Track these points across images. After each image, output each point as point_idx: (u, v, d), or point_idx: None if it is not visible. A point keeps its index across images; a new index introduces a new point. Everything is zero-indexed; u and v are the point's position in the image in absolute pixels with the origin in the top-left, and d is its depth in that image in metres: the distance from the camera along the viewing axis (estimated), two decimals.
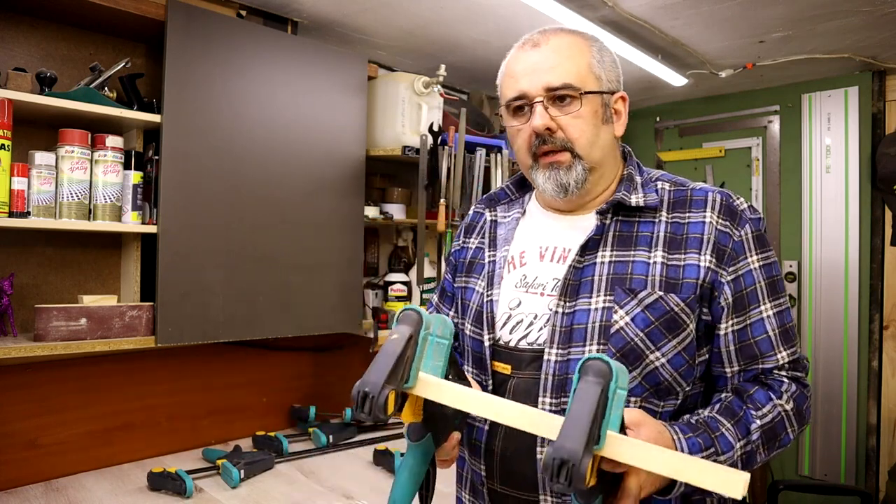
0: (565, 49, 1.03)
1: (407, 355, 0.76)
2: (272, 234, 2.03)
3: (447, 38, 2.38)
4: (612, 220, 1.05)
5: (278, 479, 1.86)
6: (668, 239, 1.02)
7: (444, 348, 0.84)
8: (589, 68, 1.04)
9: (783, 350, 1.01)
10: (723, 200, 1.03)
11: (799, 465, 2.92)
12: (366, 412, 0.71)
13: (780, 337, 1.01)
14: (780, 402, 0.98)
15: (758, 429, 0.95)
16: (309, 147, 2.11)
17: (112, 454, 1.94)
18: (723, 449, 0.92)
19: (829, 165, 2.86)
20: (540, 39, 1.05)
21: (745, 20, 2.19)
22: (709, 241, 1.00)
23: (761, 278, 1.01)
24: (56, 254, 1.86)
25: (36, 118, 1.75)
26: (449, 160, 2.36)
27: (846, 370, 2.79)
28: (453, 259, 1.25)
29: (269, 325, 2.02)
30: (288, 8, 2.12)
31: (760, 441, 0.95)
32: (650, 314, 0.97)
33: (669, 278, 0.99)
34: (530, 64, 1.03)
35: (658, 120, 3.41)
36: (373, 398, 0.71)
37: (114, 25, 1.87)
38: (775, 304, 1.01)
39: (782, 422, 0.98)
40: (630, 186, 1.07)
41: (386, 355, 0.75)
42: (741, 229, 1.01)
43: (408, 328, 0.78)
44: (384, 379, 0.72)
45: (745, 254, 1.01)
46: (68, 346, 1.66)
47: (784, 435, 0.98)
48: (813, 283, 2.89)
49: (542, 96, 1.01)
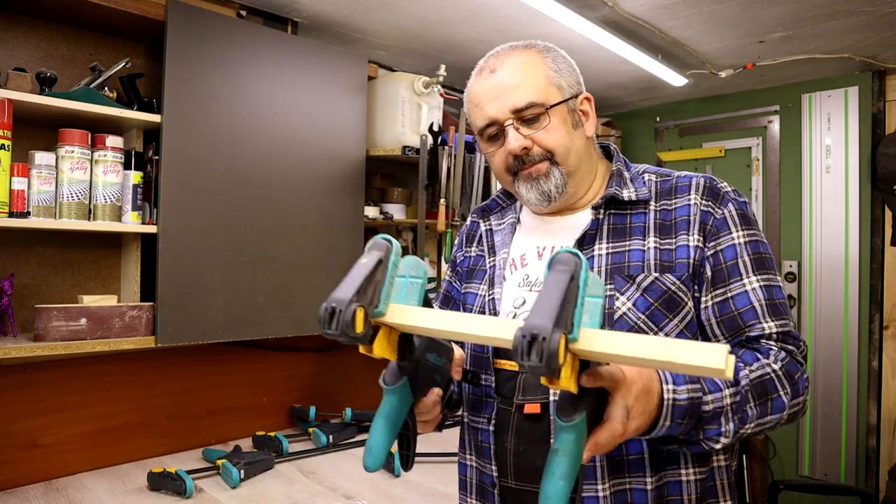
0: (520, 68, 1.05)
1: (377, 278, 0.73)
2: (272, 234, 2.03)
3: (447, 38, 2.38)
4: (605, 215, 1.07)
5: (278, 479, 1.86)
6: (659, 226, 1.04)
7: (419, 287, 0.80)
8: (548, 80, 1.05)
9: (770, 321, 0.98)
10: (706, 183, 1.05)
11: (799, 465, 2.92)
12: (333, 328, 0.69)
13: (768, 309, 0.99)
14: (768, 362, 0.95)
15: (745, 378, 0.91)
16: (309, 147, 2.11)
17: (112, 454, 1.94)
18: (709, 388, 0.88)
19: (829, 165, 2.86)
20: (495, 64, 1.06)
21: (745, 20, 2.19)
22: (694, 221, 1.02)
23: (745, 253, 1.01)
24: (56, 254, 1.86)
25: (36, 118, 1.75)
26: (449, 160, 2.36)
27: (846, 370, 2.79)
28: (459, 268, 1.26)
29: (269, 325, 2.02)
30: (288, 8, 2.12)
31: (751, 393, 0.91)
32: (648, 296, 0.99)
33: (664, 261, 1.01)
34: (491, 89, 1.05)
35: (658, 120, 3.41)
36: (340, 312, 0.68)
37: (114, 25, 1.87)
38: (762, 279, 1.00)
39: (772, 380, 0.94)
40: (621, 182, 1.09)
41: (354, 274, 0.72)
42: (723, 207, 1.03)
43: (378, 252, 0.76)
44: (351, 295, 0.69)
45: (728, 230, 1.01)
46: (68, 346, 1.66)
47: (776, 396, 0.94)
48: (813, 283, 2.89)
49: (510, 119, 1.03)
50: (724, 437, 0.89)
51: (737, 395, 0.90)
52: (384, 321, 0.75)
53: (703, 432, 0.88)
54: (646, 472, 0.97)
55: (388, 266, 0.75)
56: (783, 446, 2.96)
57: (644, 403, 0.80)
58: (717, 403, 0.88)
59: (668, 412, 0.83)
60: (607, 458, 0.97)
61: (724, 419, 0.88)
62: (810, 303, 2.90)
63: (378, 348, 0.76)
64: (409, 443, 0.90)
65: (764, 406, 0.93)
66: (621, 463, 0.98)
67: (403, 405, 0.83)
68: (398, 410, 0.82)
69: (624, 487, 0.97)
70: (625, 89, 3.06)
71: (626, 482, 0.98)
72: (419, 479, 1.88)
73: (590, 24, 2.10)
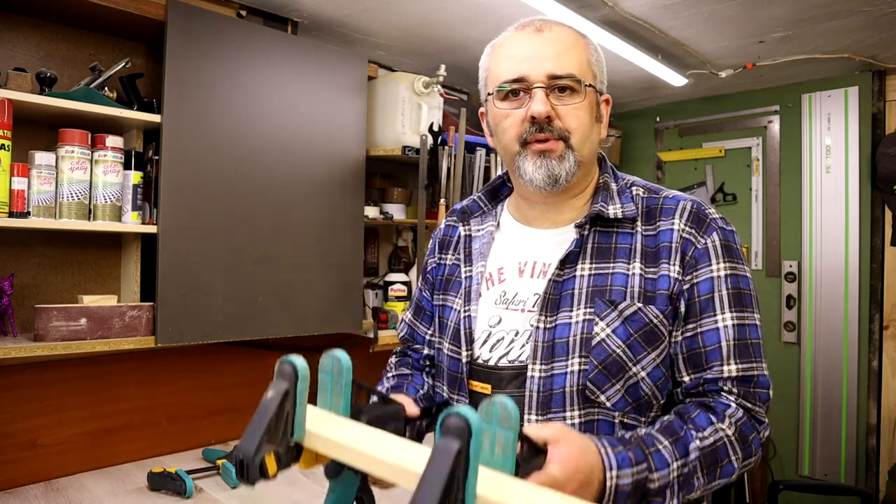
0: (569, 40, 1.02)
1: (286, 409, 0.71)
2: (272, 234, 2.02)
3: (447, 38, 2.38)
4: (590, 231, 1.02)
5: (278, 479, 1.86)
6: (643, 252, 0.99)
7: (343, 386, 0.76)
8: (588, 64, 1.03)
9: (732, 363, 0.94)
10: (692, 208, 1.01)
11: (799, 466, 2.92)
12: (244, 479, 0.69)
13: (735, 350, 0.94)
14: (722, 427, 0.91)
15: (696, 450, 0.88)
16: (309, 147, 2.11)
17: (112, 454, 1.94)
18: (657, 466, 0.85)
19: (829, 165, 2.86)
20: (542, 26, 1.02)
21: (745, 20, 2.19)
22: (676, 249, 0.98)
23: (723, 287, 0.96)
24: (56, 254, 1.86)
25: (36, 118, 1.75)
26: (449, 160, 2.36)
27: (846, 370, 2.79)
28: (430, 276, 1.21)
29: (269, 325, 2.02)
30: (288, 8, 2.12)
31: (699, 464, 0.88)
32: (630, 326, 0.95)
33: (647, 291, 0.97)
34: (532, 48, 1.00)
35: (658, 120, 3.41)
36: (247, 465, 0.68)
37: (114, 25, 1.87)
38: (737, 316, 0.96)
39: (724, 447, 0.91)
40: (607, 196, 1.04)
41: (259, 415, 0.70)
42: (707, 237, 0.98)
43: (283, 383, 0.73)
44: (257, 443, 0.68)
45: (708, 261, 0.97)
46: (68, 346, 1.66)
47: (727, 462, 0.91)
48: (813, 283, 2.89)
49: (542, 83, 0.98)
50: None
51: (685, 468, 0.87)
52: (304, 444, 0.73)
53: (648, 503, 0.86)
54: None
55: (297, 393, 0.72)
56: (783, 446, 2.96)
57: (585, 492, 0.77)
58: (662, 481, 0.85)
59: (610, 495, 0.81)
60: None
61: (671, 492, 0.86)
62: (810, 303, 2.90)
63: (305, 464, 0.74)
64: None
65: (713, 474, 0.90)
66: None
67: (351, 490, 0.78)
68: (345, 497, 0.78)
69: None
70: (625, 89, 3.06)
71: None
72: None
73: (590, 23, 2.10)
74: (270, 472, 0.69)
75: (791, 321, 2.94)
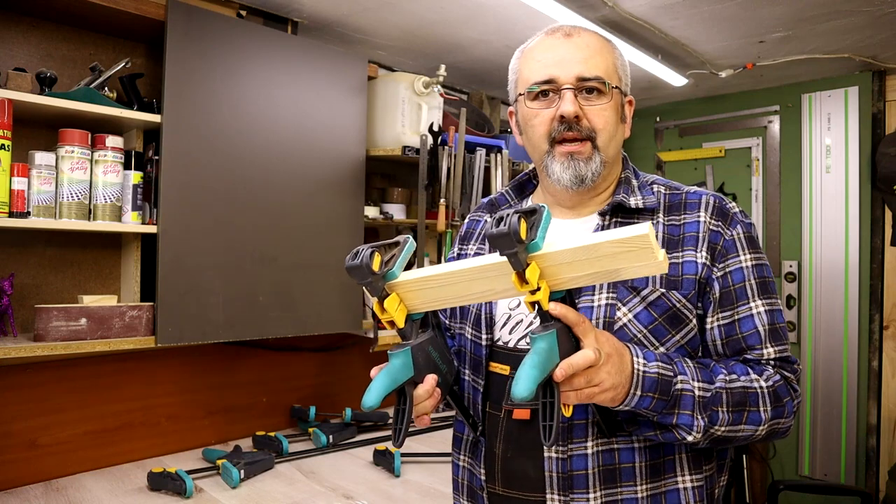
0: (596, 45, 1.07)
1: (394, 251, 0.89)
2: (272, 234, 2.02)
3: (447, 38, 2.38)
4: (611, 221, 1.07)
5: (278, 479, 1.86)
6: (666, 240, 1.04)
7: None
8: (614, 67, 1.08)
9: (770, 346, 1.01)
10: (716, 203, 1.06)
11: (799, 465, 2.92)
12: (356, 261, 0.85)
13: (770, 334, 1.01)
14: (758, 378, 0.97)
15: (722, 382, 0.94)
16: (309, 147, 2.11)
17: (112, 454, 1.94)
18: (679, 370, 0.92)
19: (829, 165, 2.86)
20: (571, 31, 1.07)
21: (745, 20, 2.19)
22: (704, 238, 1.02)
23: (752, 276, 1.02)
24: (56, 254, 1.86)
25: (36, 118, 1.75)
26: (449, 160, 2.36)
27: (846, 370, 2.79)
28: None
29: (269, 325, 2.02)
30: (288, 8, 2.12)
31: (724, 398, 0.93)
32: (653, 311, 0.99)
33: (670, 276, 1.01)
34: (562, 52, 1.05)
35: (658, 120, 3.41)
36: (362, 251, 0.86)
37: (114, 25, 1.87)
38: (767, 303, 1.02)
39: (755, 396, 0.96)
40: (628, 189, 1.09)
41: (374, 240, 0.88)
42: (732, 229, 1.03)
43: (400, 238, 0.91)
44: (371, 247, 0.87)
45: (737, 252, 1.02)
46: (68, 346, 1.66)
47: (754, 410, 0.96)
48: (813, 283, 2.89)
49: (572, 84, 1.03)
50: (696, 430, 0.91)
51: (707, 392, 0.93)
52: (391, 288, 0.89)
53: (677, 417, 0.91)
54: (636, 481, 0.98)
55: (404, 249, 0.89)
56: (783, 446, 2.96)
57: (618, 364, 0.85)
58: (686, 385, 0.91)
59: (638, 381, 0.88)
60: (599, 468, 0.98)
61: (696, 411, 0.91)
62: (810, 303, 2.90)
63: (390, 305, 0.88)
64: (401, 417, 0.90)
65: (738, 414, 0.95)
66: (613, 472, 0.98)
67: (404, 370, 0.89)
68: (399, 370, 0.88)
69: (616, 497, 0.98)
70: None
71: (618, 492, 0.98)
72: (419, 478, 1.88)
73: (590, 24, 2.10)
74: (375, 267, 0.86)
75: (791, 321, 2.94)
